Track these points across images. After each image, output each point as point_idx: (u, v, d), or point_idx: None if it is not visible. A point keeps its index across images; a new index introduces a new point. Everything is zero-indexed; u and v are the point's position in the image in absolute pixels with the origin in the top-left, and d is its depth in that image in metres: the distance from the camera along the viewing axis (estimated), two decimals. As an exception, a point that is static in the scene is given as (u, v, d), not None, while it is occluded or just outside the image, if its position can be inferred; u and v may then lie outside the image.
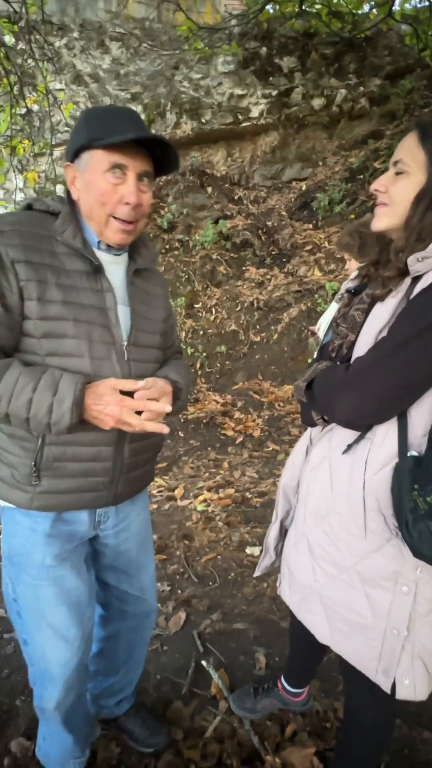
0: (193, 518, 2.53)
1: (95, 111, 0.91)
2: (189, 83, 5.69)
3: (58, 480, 0.92)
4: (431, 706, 1.42)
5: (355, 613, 0.84)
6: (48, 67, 4.51)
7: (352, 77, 5.72)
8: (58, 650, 1.00)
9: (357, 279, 0.95)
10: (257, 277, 5.10)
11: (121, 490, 1.01)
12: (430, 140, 0.76)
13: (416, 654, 0.81)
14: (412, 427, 0.76)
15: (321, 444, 0.91)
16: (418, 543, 0.70)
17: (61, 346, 0.87)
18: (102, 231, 0.92)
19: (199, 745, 1.30)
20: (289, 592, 0.98)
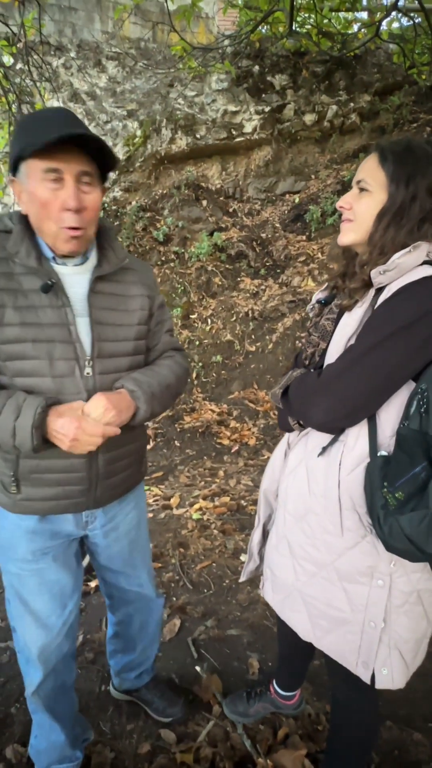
0: (188, 526, 2.55)
1: (25, 118, 0.87)
2: (184, 100, 5.83)
3: (36, 489, 0.96)
4: (422, 708, 1.44)
5: (335, 608, 0.88)
6: (45, 86, 4.63)
7: (342, 94, 5.88)
8: (37, 636, 1.04)
9: (327, 290, 1.00)
10: (252, 287, 5.18)
11: (101, 495, 1.03)
12: (389, 162, 0.82)
13: (393, 645, 0.84)
14: (381, 428, 0.80)
15: (298, 448, 0.95)
16: (389, 537, 0.73)
17: (24, 368, 0.88)
18: (54, 243, 0.88)
19: (192, 748, 1.31)
20: (272, 592, 1.01)
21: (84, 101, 5.85)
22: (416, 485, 0.71)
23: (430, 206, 0.81)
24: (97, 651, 1.69)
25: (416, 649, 0.88)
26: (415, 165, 0.80)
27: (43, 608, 1.04)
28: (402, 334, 0.75)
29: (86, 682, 1.55)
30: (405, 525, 0.70)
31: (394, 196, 0.81)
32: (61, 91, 5.74)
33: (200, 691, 1.51)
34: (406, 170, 0.80)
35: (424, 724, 1.39)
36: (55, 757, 1.17)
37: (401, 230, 0.81)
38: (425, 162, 0.80)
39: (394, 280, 0.79)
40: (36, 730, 1.17)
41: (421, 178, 0.80)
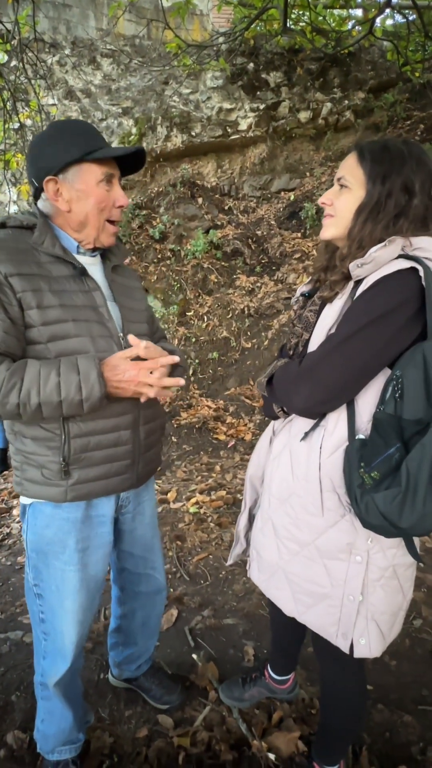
0: (185, 520, 2.59)
1: (69, 127, 0.98)
2: (179, 98, 5.83)
3: (86, 470, 1.00)
4: (411, 692, 1.48)
5: (316, 584, 0.92)
6: (40, 83, 4.63)
7: (336, 91, 5.90)
8: (73, 630, 1.09)
9: (310, 284, 1.05)
10: (248, 285, 5.20)
11: (142, 470, 1.11)
12: (367, 161, 0.87)
13: (370, 617, 0.89)
14: (359, 414, 0.85)
15: (282, 435, 1.00)
16: (366, 514, 0.78)
17: (67, 347, 0.94)
18: (98, 236, 1.02)
19: (189, 732, 1.35)
20: (258, 572, 1.06)
21: (79, 99, 5.84)
22: (390, 465, 0.75)
23: (405, 202, 0.85)
24: (95, 641, 1.72)
25: (392, 621, 0.93)
26: (390, 163, 0.85)
27: (81, 605, 1.09)
28: (377, 324, 0.79)
29: (85, 671, 1.58)
30: (380, 502, 0.74)
31: (371, 192, 0.86)
32: (56, 89, 5.73)
33: (197, 678, 1.55)
34: (382, 168, 0.85)
35: (413, 706, 1.43)
36: (61, 740, 1.20)
37: (378, 225, 0.85)
38: (400, 161, 0.85)
39: (371, 273, 0.82)
40: (45, 716, 1.20)
41: (396, 176, 0.84)
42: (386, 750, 1.31)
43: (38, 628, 1.14)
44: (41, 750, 1.22)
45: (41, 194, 1.01)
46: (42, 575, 1.08)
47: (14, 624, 1.85)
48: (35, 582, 1.10)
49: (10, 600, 2.02)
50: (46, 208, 1.02)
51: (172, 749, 1.30)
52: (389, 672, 1.55)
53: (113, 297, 1.07)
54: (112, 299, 1.06)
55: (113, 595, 1.39)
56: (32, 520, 1.06)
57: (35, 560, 1.08)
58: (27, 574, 1.12)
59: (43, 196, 1.01)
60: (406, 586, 0.93)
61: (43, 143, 0.97)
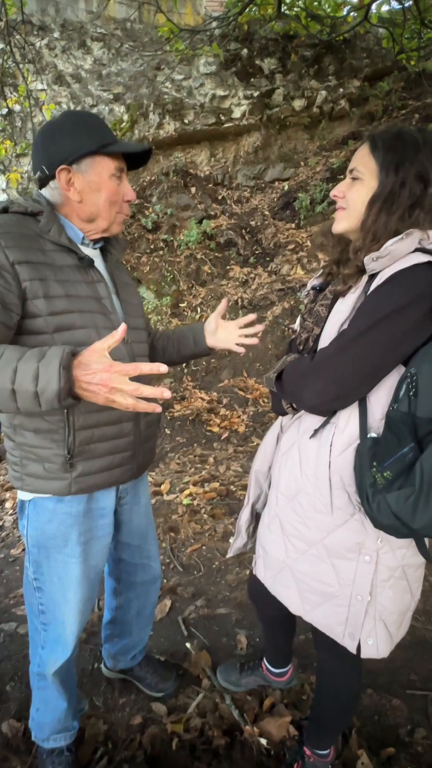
0: (178, 511, 2.60)
1: (85, 119, 0.98)
2: (171, 84, 5.73)
3: (90, 462, 1.00)
4: (400, 676, 1.51)
5: (324, 583, 0.91)
6: (29, 67, 4.52)
7: (331, 79, 5.82)
8: (74, 621, 1.11)
9: (321, 277, 1.02)
10: (241, 276, 5.18)
11: (141, 461, 1.12)
12: (380, 151, 0.84)
13: (378, 617, 0.89)
14: (371, 411, 0.83)
15: (290, 431, 0.98)
16: (377, 514, 0.76)
17: (72, 337, 0.93)
18: (109, 226, 1.04)
19: (182, 719, 1.37)
20: (264, 569, 1.05)
21: (69, 84, 5.72)
22: (404, 465, 0.74)
23: (420, 192, 0.81)
24: (89, 631, 1.73)
25: (400, 620, 0.93)
26: (404, 152, 0.81)
27: (83, 596, 1.10)
28: (393, 320, 0.76)
29: (80, 660, 1.60)
30: (392, 502, 0.73)
31: (384, 182, 0.82)
32: (45, 73, 5.60)
33: (190, 666, 1.57)
34: (395, 157, 0.82)
35: (402, 690, 1.46)
36: (56, 728, 1.22)
37: (392, 216, 0.82)
38: (414, 149, 0.81)
39: (387, 266, 0.80)
40: (40, 705, 1.21)
41: (410, 164, 0.81)
42: (375, 732, 1.34)
43: (36, 620, 1.15)
44: (36, 738, 1.24)
45: (49, 182, 1.00)
46: (42, 569, 1.08)
47: (8, 615, 1.86)
48: (35, 576, 1.10)
49: (3, 592, 2.02)
50: (53, 197, 1.01)
51: (165, 735, 1.32)
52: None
53: (115, 290, 1.08)
54: (115, 293, 1.07)
55: (108, 587, 1.39)
56: (33, 515, 1.05)
57: (36, 555, 1.08)
58: (27, 569, 1.11)
59: (52, 184, 0.99)
60: (415, 587, 0.92)
61: (58, 131, 0.96)
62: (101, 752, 1.28)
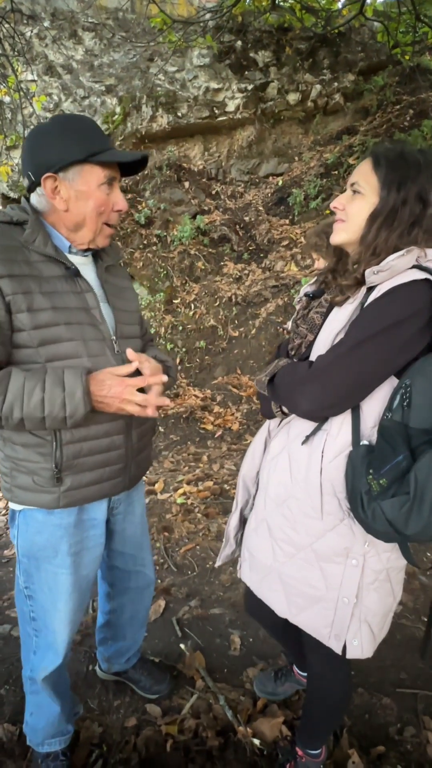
0: (172, 511, 2.61)
1: (74, 124, 0.95)
2: (164, 76, 5.64)
3: (80, 476, 0.99)
4: (390, 675, 1.54)
5: (311, 586, 0.93)
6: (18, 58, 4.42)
7: (326, 72, 5.78)
8: (64, 629, 1.11)
9: (315, 284, 1.04)
10: (235, 272, 5.16)
11: (134, 472, 1.11)
12: (382, 168, 0.87)
13: (363, 618, 0.91)
14: (364, 419, 0.85)
15: (280, 436, 0.99)
16: (371, 521, 0.78)
17: (59, 351, 0.92)
18: (94, 237, 1.00)
19: (177, 720, 1.39)
20: (250, 573, 1.07)
21: (60, 75, 5.61)
22: (398, 472, 0.76)
23: (419, 211, 0.85)
24: (84, 633, 1.74)
25: (383, 622, 0.96)
26: (406, 171, 0.85)
27: (73, 606, 1.10)
28: (389, 332, 0.79)
29: (74, 663, 1.61)
30: (387, 509, 0.76)
31: (385, 200, 0.85)
32: (35, 64, 5.49)
33: (184, 667, 1.58)
34: (397, 176, 0.85)
35: (392, 689, 1.49)
36: (50, 733, 1.22)
37: (393, 233, 0.85)
38: (416, 169, 0.85)
39: (386, 280, 0.83)
40: (33, 709, 1.22)
41: (412, 184, 0.84)
42: (365, 731, 1.37)
43: (28, 626, 1.15)
44: (31, 742, 1.24)
45: (36, 188, 0.98)
46: (33, 578, 1.08)
47: (2, 618, 1.86)
48: (26, 585, 1.10)
49: (-2, 593, 2.02)
50: (40, 205, 0.99)
51: (160, 737, 1.34)
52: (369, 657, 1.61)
53: (106, 298, 1.05)
54: (105, 300, 1.04)
55: (101, 592, 1.40)
56: (23, 526, 1.05)
57: (27, 565, 1.08)
58: (18, 578, 1.12)
59: (39, 191, 0.97)
60: (397, 589, 0.95)
61: (45, 137, 0.93)
62: (96, 755, 1.30)
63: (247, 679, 1.55)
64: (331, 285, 0.97)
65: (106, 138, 0.98)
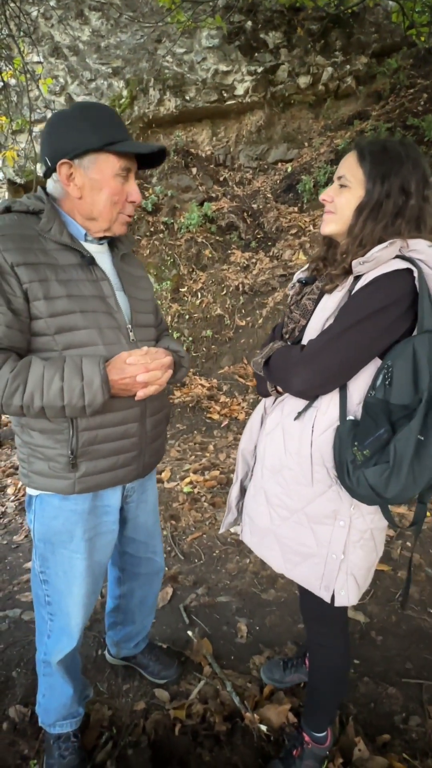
0: (179, 499, 2.63)
1: (94, 112, 0.94)
2: (172, 58, 5.52)
3: (94, 462, 1.01)
4: (395, 665, 1.56)
5: (304, 545, 1.04)
6: (24, 38, 4.34)
7: (338, 54, 5.62)
8: (79, 613, 1.13)
9: (307, 271, 1.12)
10: (242, 260, 5.10)
11: (147, 460, 1.13)
12: (367, 162, 0.93)
13: (349, 572, 1.01)
14: (350, 397, 0.94)
15: (274, 413, 1.08)
16: (356, 486, 0.88)
17: (74, 339, 0.93)
18: (110, 226, 1.01)
19: (185, 705, 1.41)
20: (250, 535, 1.16)
21: (66, 56, 5.50)
22: (380, 444, 0.85)
23: (402, 203, 0.91)
24: (93, 618, 1.77)
25: (367, 574, 1.06)
26: (390, 165, 0.91)
27: (87, 590, 1.12)
28: (374, 318, 0.87)
29: (84, 647, 1.64)
30: (369, 476, 0.85)
31: (370, 192, 0.92)
32: (41, 45, 5.38)
33: (192, 654, 1.61)
34: (381, 169, 0.91)
35: (397, 679, 1.51)
36: (62, 714, 1.25)
37: (378, 225, 0.92)
38: (398, 162, 0.91)
39: (371, 270, 0.90)
40: (46, 691, 1.25)
41: (395, 177, 0.90)
42: (371, 720, 1.39)
43: (43, 610, 1.17)
44: (43, 723, 1.27)
45: (52, 174, 0.98)
46: (48, 563, 1.11)
47: (12, 602, 1.89)
48: (42, 569, 1.12)
49: (8, 578, 2.05)
50: (55, 191, 0.99)
51: (168, 721, 1.37)
52: (375, 647, 1.63)
53: (122, 287, 1.06)
54: (121, 289, 1.06)
55: (111, 576, 1.42)
56: (40, 511, 1.07)
57: (42, 549, 1.10)
58: (34, 562, 1.14)
59: (54, 177, 0.98)
60: (380, 546, 1.06)
61: (64, 124, 0.93)
62: (106, 737, 1.32)
63: (254, 666, 1.57)
64: (322, 272, 1.06)
65: (125, 128, 0.97)
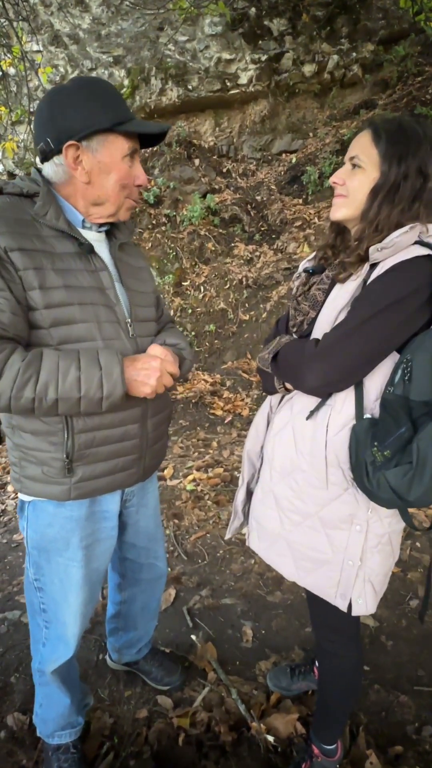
0: (182, 497, 2.57)
1: (100, 89, 0.87)
2: (174, 46, 5.40)
3: (92, 466, 0.95)
4: (407, 672, 1.50)
5: (318, 551, 0.98)
6: (23, 26, 4.23)
7: (344, 42, 5.48)
8: (76, 622, 1.08)
9: (314, 260, 1.04)
10: (246, 254, 5.02)
11: (148, 463, 1.07)
12: (382, 141, 0.85)
13: (367, 578, 0.96)
14: (367, 394, 0.88)
15: (283, 412, 1.01)
16: (376, 489, 0.82)
17: (71, 333, 0.87)
18: (116, 212, 0.94)
19: (188, 713, 1.36)
20: (258, 541, 1.09)
21: (66, 45, 5.39)
22: (401, 443, 0.80)
23: (420, 186, 0.85)
24: (94, 621, 1.72)
25: (384, 581, 1.01)
26: (407, 145, 0.84)
27: (84, 599, 1.07)
28: (393, 309, 0.81)
29: (84, 651, 1.59)
30: (391, 478, 0.79)
31: (386, 174, 0.85)
32: (41, 33, 5.27)
33: (196, 658, 1.56)
34: (398, 150, 0.84)
35: (409, 686, 1.45)
36: (60, 724, 1.20)
37: (395, 209, 0.86)
38: (416, 142, 0.84)
39: (389, 257, 0.84)
40: (43, 701, 1.20)
41: (412, 158, 0.84)
42: (382, 729, 1.33)
43: (38, 617, 1.12)
44: (41, 734, 1.23)
45: (53, 157, 0.89)
46: (43, 571, 1.05)
47: (12, 603, 1.84)
48: (36, 577, 1.07)
49: (7, 579, 2.01)
50: (56, 175, 0.90)
51: (172, 730, 1.32)
52: (386, 652, 1.57)
53: (119, 278, 0.99)
54: (119, 280, 0.98)
55: (112, 582, 1.37)
56: (33, 518, 1.01)
57: (36, 557, 1.04)
58: (27, 569, 1.08)
59: (56, 160, 0.88)
60: (396, 550, 1.01)
61: (70, 101, 0.85)
62: (107, 747, 1.28)
63: (260, 672, 1.52)
64: (331, 261, 0.98)
65: (127, 106, 0.90)
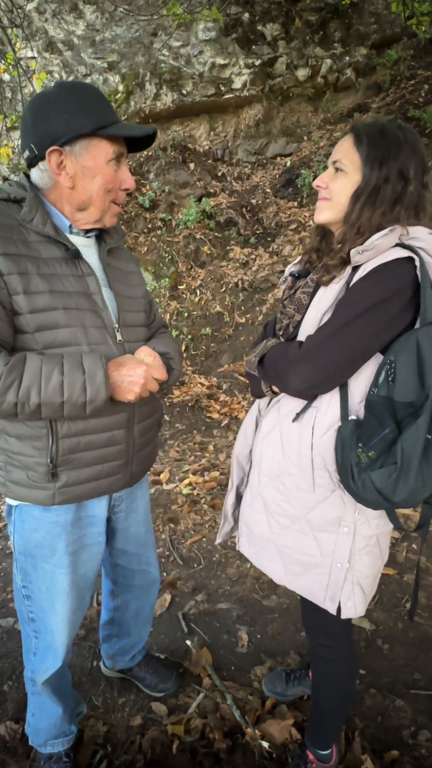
0: (178, 501, 2.56)
1: (82, 93, 0.87)
2: (168, 51, 5.43)
3: (76, 472, 0.94)
4: (403, 675, 1.49)
5: (306, 554, 0.98)
6: (17, 32, 4.25)
7: (337, 46, 5.52)
8: (64, 631, 1.07)
9: (300, 264, 1.05)
10: (242, 257, 5.02)
11: (135, 469, 1.06)
12: (364, 146, 0.87)
13: (355, 581, 0.96)
14: (351, 395, 0.88)
15: (270, 414, 1.01)
16: (362, 491, 0.82)
17: (56, 338, 0.87)
18: (101, 217, 0.94)
19: (183, 720, 1.35)
20: (248, 545, 1.09)
21: (61, 51, 5.42)
22: (385, 444, 0.80)
23: (401, 189, 0.86)
24: (88, 628, 1.71)
25: (373, 583, 1.01)
26: (387, 148, 0.86)
27: (72, 606, 1.06)
28: (375, 311, 0.82)
29: (78, 658, 1.58)
30: (376, 479, 0.80)
31: (368, 177, 0.87)
32: (35, 39, 5.30)
33: (191, 664, 1.54)
34: (379, 153, 0.86)
35: (405, 690, 1.44)
36: (52, 734, 1.19)
37: (376, 211, 0.87)
38: (396, 146, 0.86)
39: (371, 259, 0.85)
40: (35, 710, 1.18)
41: (393, 161, 0.85)
42: (378, 734, 1.32)
43: (28, 627, 1.11)
44: (33, 743, 1.21)
45: (38, 163, 0.89)
46: (30, 577, 1.04)
47: (6, 611, 1.83)
48: (24, 584, 1.06)
49: (1, 585, 1.99)
50: (42, 181, 0.91)
51: (166, 738, 1.30)
52: (382, 656, 1.56)
53: (108, 283, 0.98)
54: (107, 285, 0.98)
55: (105, 589, 1.36)
56: (19, 522, 1.00)
57: (23, 563, 1.04)
58: (15, 576, 1.08)
59: (41, 166, 0.89)
60: (385, 552, 1.01)
61: (51, 106, 0.85)
62: (100, 755, 1.26)
63: (255, 677, 1.51)
64: (316, 264, 0.99)
65: (113, 110, 0.90)
